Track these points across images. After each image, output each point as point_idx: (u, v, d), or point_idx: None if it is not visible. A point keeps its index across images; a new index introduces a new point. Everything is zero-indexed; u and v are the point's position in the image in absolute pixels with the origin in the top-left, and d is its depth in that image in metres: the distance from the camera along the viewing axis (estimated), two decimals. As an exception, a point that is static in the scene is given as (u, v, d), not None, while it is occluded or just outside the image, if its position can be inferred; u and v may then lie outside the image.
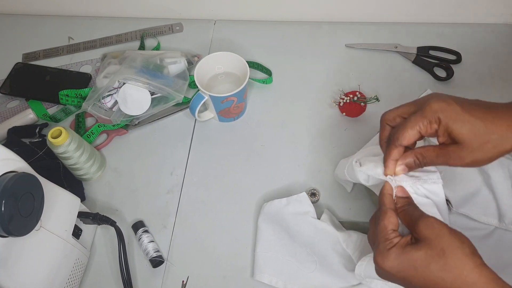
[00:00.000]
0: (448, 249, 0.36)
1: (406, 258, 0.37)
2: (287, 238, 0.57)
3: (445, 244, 0.36)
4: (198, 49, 0.80)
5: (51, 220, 0.49)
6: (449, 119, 0.39)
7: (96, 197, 0.64)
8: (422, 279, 0.36)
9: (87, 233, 0.58)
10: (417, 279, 0.36)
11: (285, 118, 0.70)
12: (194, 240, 0.60)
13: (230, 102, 0.64)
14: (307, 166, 0.65)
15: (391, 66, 0.75)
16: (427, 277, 0.36)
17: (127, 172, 0.66)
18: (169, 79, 0.70)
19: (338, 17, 0.82)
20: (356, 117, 0.68)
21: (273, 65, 0.76)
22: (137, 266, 0.58)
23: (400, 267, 0.37)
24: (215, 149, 0.68)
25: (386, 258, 0.38)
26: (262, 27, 0.82)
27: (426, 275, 0.36)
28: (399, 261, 0.37)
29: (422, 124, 0.41)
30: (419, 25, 0.80)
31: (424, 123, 0.40)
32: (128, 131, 0.70)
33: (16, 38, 0.84)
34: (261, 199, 0.62)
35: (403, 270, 0.37)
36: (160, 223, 0.61)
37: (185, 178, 0.65)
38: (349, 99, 0.68)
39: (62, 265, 0.51)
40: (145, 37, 0.82)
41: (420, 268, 0.36)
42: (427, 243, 0.37)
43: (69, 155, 0.59)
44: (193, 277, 0.57)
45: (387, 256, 0.38)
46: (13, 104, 0.75)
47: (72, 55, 0.81)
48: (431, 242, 0.36)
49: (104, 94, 0.68)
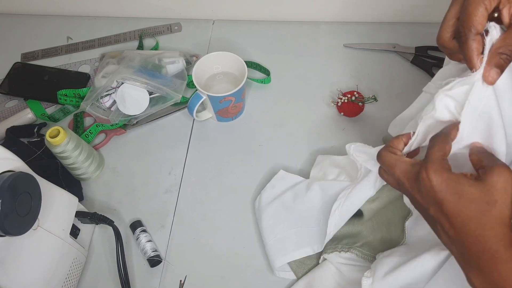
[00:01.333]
0: (501, 204, 0.34)
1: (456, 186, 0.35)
2: (284, 213, 0.57)
3: (502, 199, 0.34)
4: (197, 49, 0.80)
5: (49, 220, 0.49)
6: None
7: (94, 197, 0.64)
8: (457, 210, 0.35)
9: (85, 232, 0.58)
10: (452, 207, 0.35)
11: (283, 118, 0.71)
12: (192, 240, 0.60)
13: (228, 102, 0.65)
14: (305, 166, 0.65)
15: (389, 66, 0.75)
16: (463, 212, 0.35)
17: (125, 171, 0.66)
18: (168, 79, 0.70)
19: (336, 17, 0.82)
20: (354, 117, 0.69)
21: (272, 65, 0.76)
22: (135, 266, 0.58)
23: (446, 188, 0.35)
24: (213, 148, 0.68)
25: (439, 173, 0.35)
26: (260, 27, 0.82)
27: (465, 209, 0.34)
28: (448, 185, 0.35)
29: None
30: (417, 25, 0.80)
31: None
32: (126, 131, 0.70)
33: (15, 37, 0.84)
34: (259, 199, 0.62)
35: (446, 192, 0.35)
36: (158, 222, 0.61)
37: (183, 177, 0.65)
38: (347, 99, 0.68)
39: (60, 265, 0.51)
40: (144, 37, 0.82)
41: (463, 200, 0.35)
42: (487, 188, 0.34)
43: (67, 155, 0.59)
44: (191, 276, 0.57)
45: (440, 172, 0.35)
46: (12, 104, 0.75)
47: (70, 55, 0.81)
48: (492, 189, 0.34)
49: (102, 93, 0.68)
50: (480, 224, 0.34)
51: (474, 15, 0.36)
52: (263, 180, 0.64)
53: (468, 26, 0.36)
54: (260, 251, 0.58)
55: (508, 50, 0.36)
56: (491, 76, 0.36)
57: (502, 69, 0.36)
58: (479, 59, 0.37)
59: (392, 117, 0.56)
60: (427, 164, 0.36)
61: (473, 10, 0.36)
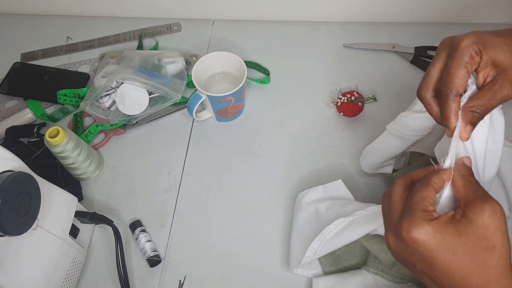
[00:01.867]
0: (499, 248, 0.31)
1: (448, 238, 0.32)
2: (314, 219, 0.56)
3: (500, 241, 0.31)
4: (196, 49, 0.80)
5: (48, 220, 0.49)
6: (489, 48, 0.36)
7: (94, 197, 0.64)
8: (454, 267, 0.32)
9: (84, 232, 0.58)
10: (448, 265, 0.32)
11: (283, 118, 0.71)
12: (191, 240, 0.60)
13: (227, 102, 0.65)
14: (305, 166, 0.65)
15: (388, 66, 0.75)
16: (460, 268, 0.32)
17: (125, 171, 0.66)
18: (167, 79, 0.70)
19: (336, 17, 0.82)
20: (354, 117, 0.69)
21: (271, 65, 0.76)
22: (135, 266, 0.58)
23: (436, 246, 0.32)
24: (212, 148, 0.68)
25: (421, 230, 0.32)
26: (260, 27, 0.82)
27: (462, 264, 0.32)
28: (437, 239, 0.32)
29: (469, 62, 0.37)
30: (416, 25, 0.80)
31: (469, 59, 0.37)
32: (126, 131, 0.70)
33: (15, 37, 0.84)
34: (258, 199, 0.62)
35: (437, 251, 0.32)
36: (158, 222, 0.61)
37: (182, 177, 0.65)
38: (347, 99, 0.68)
39: (59, 264, 0.51)
40: (144, 37, 0.82)
41: (458, 255, 0.31)
42: (480, 231, 0.31)
43: (66, 155, 0.59)
44: (190, 276, 0.57)
45: (422, 228, 0.32)
46: (12, 104, 0.75)
47: (70, 55, 0.81)
48: (486, 232, 0.31)
49: (102, 93, 0.68)
50: (483, 278, 0.31)
51: (457, 77, 0.37)
52: (263, 180, 0.64)
53: (450, 88, 0.37)
54: (259, 251, 0.58)
55: (480, 109, 0.37)
56: (466, 133, 0.37)
57: (474, 125, 0.38)
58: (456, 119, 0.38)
59: (391, 117, 0.56)
60: (404, 221, 0.33)
61: (456, 72, 0.37)
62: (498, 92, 0.37)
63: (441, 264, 0.32)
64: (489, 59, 0.37)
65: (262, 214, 0.61)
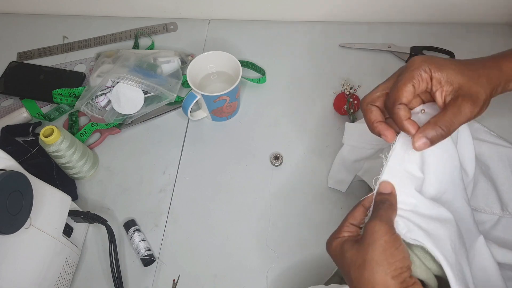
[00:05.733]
0: (369, 263, 0.34)
1: (340, 254, 0.37)
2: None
3: (370, 256, 0.34)
4: (192, 49, 0.80)
5: (41, 218, 0.49)
6: (437, 67, 0.39)
7: (88, 196, 0.64)
8: (347, 277, 0.37)
9: (78, 231, 0.58)
10: (344, 275, 0.37)
11: (278, 118, 0.71)
12: (185, 239, 0.60)
13: (222, 101, 0.65)
14: (300, 166, 0.65)
15: (384, 66, 0.75)
16: (348, 279, 0.36)
17: (120, 171, 0.66)
18: (162, 78, 0.70)
19: (331, 17, 0.82)
20: (344, 115, 0.68)
21: (267, 64, 0.76)
22: (128, 265, 0.58)
23: (335, 259, 0.38)
24: (208, 148, 0.68)
25: (329, 245, 0.39)
26: (256, 26, 0.82)
27: (348, 276, 0.36)
28: (335, 253, 0.38)
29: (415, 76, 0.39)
30: (412, 25, 0.80)
31: (416, 76, 0.39)
32: (121, 130, 0.70)
33: (11, 37, 0.84)
34: (252, 198, 0.62)
35: (337, 262, 0.38)
36: (152, 222, 0.61)
37: (177, 177, 0.65)
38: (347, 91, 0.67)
39: (53, 263, 0.51)
40: (139, 36, 0.82)
41: (345, 268, 0.37)
42: (358, 248, 0.36)
43: (61, 154, 0.59)
44: (184, 275, 0.57)
45: (330, 243, 0.39)
46: (7, 103, 0.75)
47: (66, 54, 0.81)
48: (361, 249, 0.35)
49: (97, 93, 0.68)
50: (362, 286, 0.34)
51: (403, 90, 0.39)
52: (257, 179, 0.64)
53: (394, 99, 0.40)
54: (253, 251, 0.58)
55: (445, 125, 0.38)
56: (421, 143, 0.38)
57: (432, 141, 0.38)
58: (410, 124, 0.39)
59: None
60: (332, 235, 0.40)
61: (402, 86, 0.40)
62: (461, 106, 0.38)
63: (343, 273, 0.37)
64: (441, 77, 0.39)
65: (256, 213, 0.61)
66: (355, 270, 0.35)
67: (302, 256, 0.57)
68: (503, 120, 0.66)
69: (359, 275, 0.34)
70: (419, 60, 0.40)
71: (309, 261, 0.57)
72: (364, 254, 0.35)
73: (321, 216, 0.60)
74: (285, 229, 0.60)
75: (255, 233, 0.60)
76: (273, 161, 0.64)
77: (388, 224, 0.36)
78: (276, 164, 0.64)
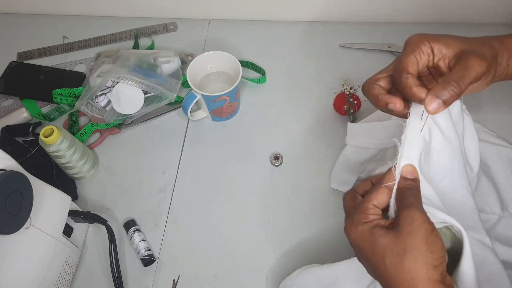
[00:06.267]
0: (410, 251, 0.33)
1: (370, 239, 0.35)
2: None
3: (411, 245, 0.33)
4: (192, 49, 0.80)
5: (41, 218, 0.49)
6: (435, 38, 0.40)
7: (88, 196, 0.64)
8: (375, 264, 0.35)
9: (78, 231, 0.58)
10: (372, 262, 0.35)
11: (278, 118, 0.71)
12: (185, 239, 0.60)
13: (222, 101, 0.65)
14: (300, 166, 0.65)
15: (384, 66, 0.74)
16: (379, 266, 0.34)
17: (120, 171, 0.66)
18: (162, 78, 0.70)
19: (331, 17, 0.82)
20: (344, 115, 0.68)
21: (267, 64, 0.76)
22: (128, 265, 0.58)
23: (361, 244, 0.36)
24: (207, 148, 0.68)
25: (355, 230, 0.36)
26: (256, 26, 0.82)
27: (380, 264, 0.34)
28: (363, 238, 0.35)
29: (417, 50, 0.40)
30: (412, 25, 0.80)
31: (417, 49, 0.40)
32: (121, 130, 0.70)
33: (11, 37, 0.84)
34: (252, 199, 0.62)
35: (362, 248, 0.36)
36: (152, 222, 0.61)
37: (177, 177, 0.65)
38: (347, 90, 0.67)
39: (53, 263, 0.51)
40: (139, 36, 0.82)
41: (377, 256, 0.34)
42: (396, 235, 0.34)
43: (61, 154, 0.59)
44: (184, 276, 0.57)
45: (355, 228, 0.36)
46: (7, 103, 0.75)
47: (66, 54, 0.81)
48: (400, 236, 0.33)
49: (97, 93, 0.68)
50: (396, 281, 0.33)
51: (407, 61, 0.40)
52: (258, 179, 0.64)
53: (400, 69, 0.40)
54: (253, 251, 0.58)
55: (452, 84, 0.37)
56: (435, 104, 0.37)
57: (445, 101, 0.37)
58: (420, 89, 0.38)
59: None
60: (347, 219, 0.38)
61: (405, 57, 0.40)
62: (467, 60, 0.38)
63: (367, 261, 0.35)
64: (441, 45, 0.39)
65: (256, 213, 0.61)
66: (393, 257, 0.33)
67: (302, 256, 0.57)
68: (503, 120, 0.66)
69: (398, 262, 0.33)
70: (416, 36, 0.41)
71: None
72: (403, 242, 0.33)
73: (321, 216, 0.60)
74: (285, 229, 0.60)
75: (255, 233, 0.60)
76: (273, 161, 0.64)
77: (424, 212, 0.35)
78: (276, 164, 0.64)
